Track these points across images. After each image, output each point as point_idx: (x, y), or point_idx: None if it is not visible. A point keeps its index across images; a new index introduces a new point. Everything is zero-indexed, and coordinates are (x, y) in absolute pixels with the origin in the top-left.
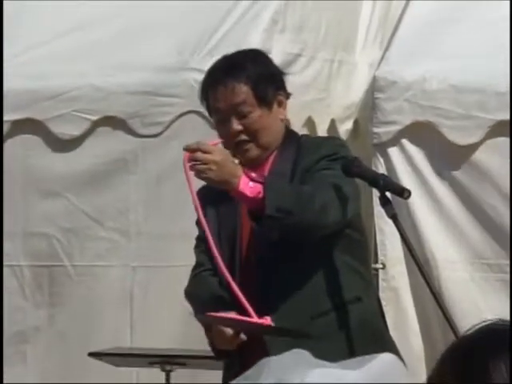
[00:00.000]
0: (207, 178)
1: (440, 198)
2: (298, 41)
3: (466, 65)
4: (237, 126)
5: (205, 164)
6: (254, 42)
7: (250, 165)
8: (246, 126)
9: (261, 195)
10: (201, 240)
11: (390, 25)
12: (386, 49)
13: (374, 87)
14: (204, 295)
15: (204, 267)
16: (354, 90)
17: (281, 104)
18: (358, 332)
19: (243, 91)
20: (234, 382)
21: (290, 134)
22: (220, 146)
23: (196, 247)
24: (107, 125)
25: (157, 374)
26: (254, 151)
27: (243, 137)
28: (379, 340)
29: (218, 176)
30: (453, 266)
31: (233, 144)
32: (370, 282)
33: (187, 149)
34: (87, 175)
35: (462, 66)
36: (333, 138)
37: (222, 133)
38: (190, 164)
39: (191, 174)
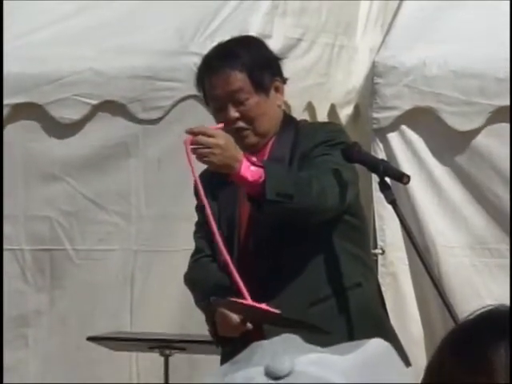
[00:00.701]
0: (210, 161)
1: (440, 184)
2: (299, 25)
3: (467, 50)
4: (234, 113)
5: (208, 148)
6: (254, 26)
7: (249, 151)
8: (244, 113)
9: (261, 180)
10: (200, 225)
11: (391, 9)
12: (386, 34)
13: (374, 72)
14: (205, 282)
15: (204, 253)
16: (355, 75)
17: (278, 90)
18: (357, 318)
19: (239, 78)
20: (223, 366)
21: (288, 119)
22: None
23: (195, 233)
24: (107, 109)
25: (156, 357)
26: (251, 138)
27: (241, 124)
28: (378, 326)
29: (220, 160)
30: (453, 251)
31: (230, 131)
32: (371, 268)
33: (190, 132)
34: (88, 159)
35: (463, 52)
36: (331, 123)
37: (219, 120)
38: (192, 147)
39: (193, 157)
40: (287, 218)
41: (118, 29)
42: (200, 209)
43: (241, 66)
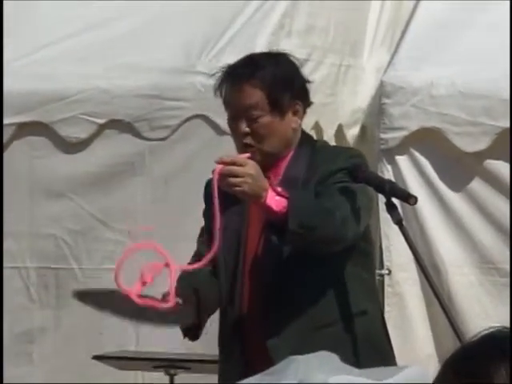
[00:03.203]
0: (242, 191)
1: (448, 203)
2: (306, 45)
3: (474, 71)
4: (245, 128)
5: (240, 177)
6: (260, 45)
7: (264, 166)
8: (254, 130)
9: (285, 210)
10: (205, 230)
11: (398, 29)
12: (394, 54)
13: (381, 92)
14: (188, 279)
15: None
16: (361, 95)
17: (296, 113)
18: (361, 344)
19: (256, 95)
20: (256, 376)
21: (305, 138)
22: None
23: (199, 236)
24: (114, 128)
25: (162, 376)
26: (257, 156)
27: (249, 140)
28: (381, 352)
29: (251, 189)
30: (461, 270)
31: (240, 144)
32: (376, 292)
33: (222, 162)
34: (94, 177)
35: (470, 72)
36: (351, 149)
37: (231, 129)
38: (220, 176)
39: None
40: (307, 247)
41: (124, 47)
42: (207, 214)
43: (261, 83)
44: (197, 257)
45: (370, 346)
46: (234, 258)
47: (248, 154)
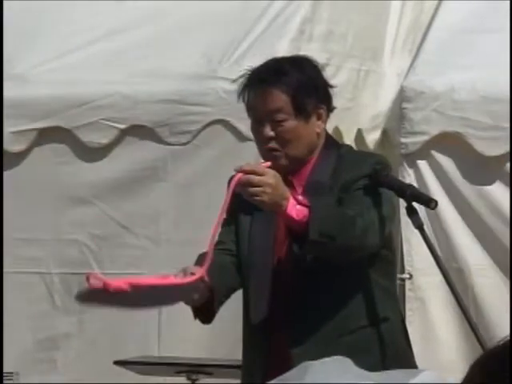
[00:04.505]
0: (261, 200)
1: (470, 207)
2: (325, 50)
3: (495, 75)
4: (269, 132)
5: (259, 186)
6: (281, 50)
7: (288, 171)
8: (279, 134)
9: (306, 219)
10: (226, 223)
11: (419, 32)
12: (414, 58)
13: (402, 97)
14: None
15: (223, 246)
16: (382, 100)
17: (320, 117)
18: (382, 351)
19: (281, 99)
20: (273, 381)
21: (330, 142)
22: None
23: (222, 226)
24: (135, 133)
25: (184, 381)
26: (282, 161)
27: (274, 144)
28: (402, 358)
29: (271, 199)
30: (485, 272)
31: (264, 149)
32: (397, 300)
33: (241, 170)
34: (116, 183)
35: (491, 77)
36: (377, 155)
37: (255, 134)
38: (239, 185)
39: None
40: (329, 256)
41: (146, 53)
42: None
43: (286, 87)
44: (218, 245)
45: (391, 352)
46: (261, 261)
47: (268, 163)
